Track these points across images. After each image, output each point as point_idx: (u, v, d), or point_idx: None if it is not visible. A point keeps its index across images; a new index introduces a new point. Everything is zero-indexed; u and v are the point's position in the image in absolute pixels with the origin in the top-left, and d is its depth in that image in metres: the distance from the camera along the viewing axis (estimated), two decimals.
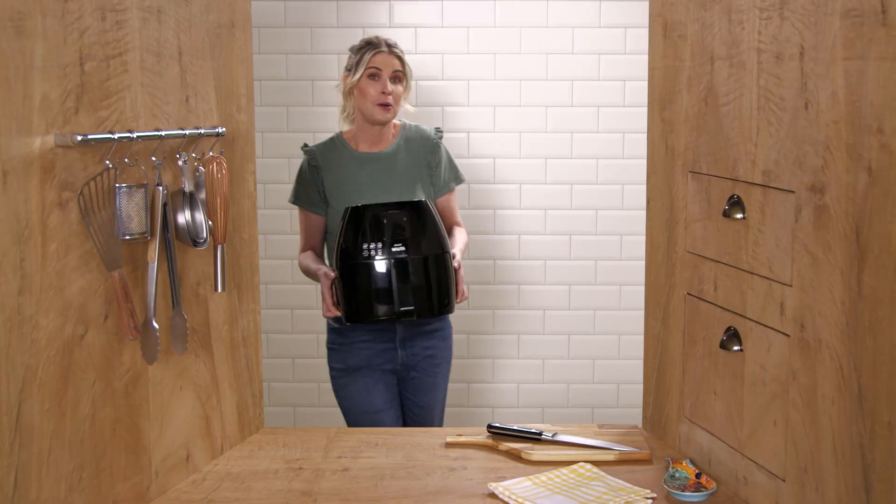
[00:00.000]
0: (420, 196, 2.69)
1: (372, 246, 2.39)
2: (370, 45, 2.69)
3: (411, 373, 2.70)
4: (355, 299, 2.40)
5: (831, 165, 1.47)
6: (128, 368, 1.71)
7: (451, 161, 2.84)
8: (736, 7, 1.71)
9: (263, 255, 3.70)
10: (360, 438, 2.13)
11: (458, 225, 2.85)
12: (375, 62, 2.66)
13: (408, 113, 2.81)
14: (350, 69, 2.71)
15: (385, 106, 2.66)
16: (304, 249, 2.76)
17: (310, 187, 2.73)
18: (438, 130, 2.82)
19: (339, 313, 2.47)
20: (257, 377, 2.17)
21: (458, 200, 2.93)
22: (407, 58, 2.73)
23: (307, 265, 2.68)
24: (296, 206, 2.81)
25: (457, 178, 2.84)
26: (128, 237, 1.66)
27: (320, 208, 2.73)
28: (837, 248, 1.47)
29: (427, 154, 2.76)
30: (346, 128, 2.80)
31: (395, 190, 2.68)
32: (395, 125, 2.80)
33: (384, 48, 2.68)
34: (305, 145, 2.80)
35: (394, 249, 2.38)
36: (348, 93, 2.72)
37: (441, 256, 2.45)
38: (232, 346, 2.06)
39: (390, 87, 2.66)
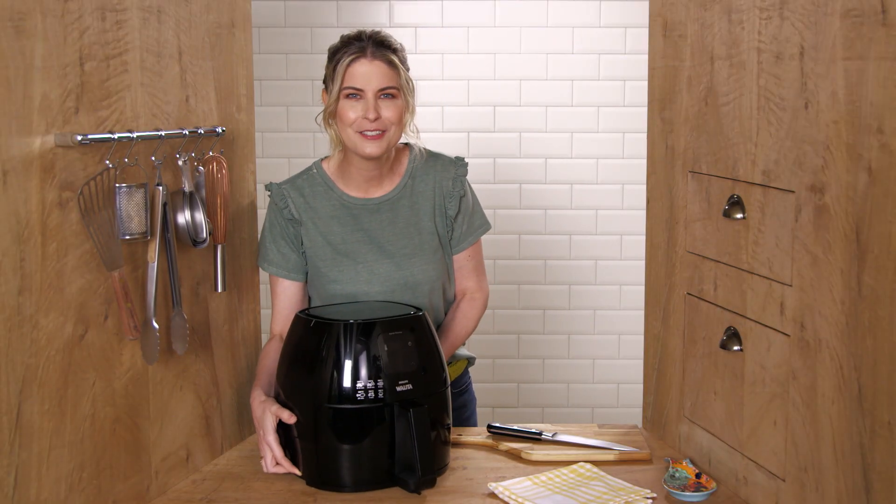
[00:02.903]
0: (436, 259, 2.03)
1: (370, 384, 1.70)
2: (347, 47, 1.90)
3: None
4: (329, 457, 1.76)
5: (831, 165, 1.47)
6: (128, 368, 1.71)
7: (476, 202, 2.10)
8: (736, 7, 1.71)
9: None
10: None
11: (476, 294, 2.12)
12: (353, 76, 1.88)
13: (413, 139, 2.05)
14: (326, 84, 1.96)
15: (372, 135, 1.90)
16: (275, 332, 2.05)
17: (280, 243, 2.03)
18: (461, 161, 2.05)
19: (297, 471, 1.82)
20: None
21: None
22: (409, 59, 2.00)
23: (265, 368, 1.96)
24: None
25: (482, 224, 2.10)
26: (128, 237, 1.66)
27: (298, 272, 2.04)
28: (837, 247, 1.47)
29: (444, 197, 2.03)
30: (329, 158, 2.06)
31: (404, 257, 2.00)
32: (400, 152, 2.07)
33: (367, 51, 1.88)
34: (270, 185, 2.05)
35: (398, 388, 1.72)
36: (327, 121, 1.96)
37: (443, 393, 1.83)
38: (232, 346, 2.06)
39: (380, 107, 1.89)
